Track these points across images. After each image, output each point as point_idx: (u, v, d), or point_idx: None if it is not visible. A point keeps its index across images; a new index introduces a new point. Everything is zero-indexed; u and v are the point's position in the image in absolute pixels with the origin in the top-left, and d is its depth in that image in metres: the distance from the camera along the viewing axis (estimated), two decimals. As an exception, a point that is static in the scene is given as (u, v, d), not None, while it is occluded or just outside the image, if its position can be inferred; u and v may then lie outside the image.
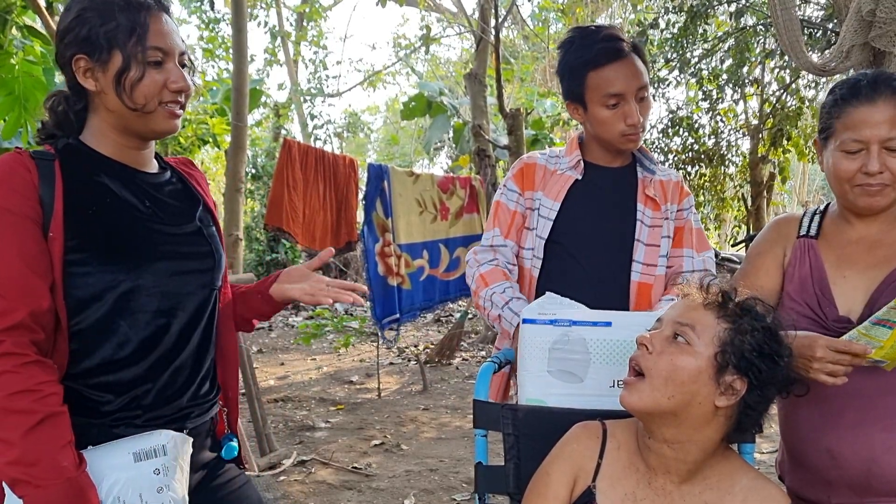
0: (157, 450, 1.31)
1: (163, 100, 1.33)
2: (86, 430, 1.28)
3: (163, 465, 1.31)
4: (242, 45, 5.47)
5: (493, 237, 2.00)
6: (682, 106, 7.89)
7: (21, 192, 1.24)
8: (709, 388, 1.23)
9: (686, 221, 2.02)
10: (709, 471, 1.32)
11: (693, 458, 1.29)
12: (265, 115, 14.22)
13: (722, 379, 1.24)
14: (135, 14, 1.30)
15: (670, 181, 2.03)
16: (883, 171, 1.45)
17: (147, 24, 1.30)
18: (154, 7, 1.33)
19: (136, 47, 1.29)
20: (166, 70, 1.33)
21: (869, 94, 1.46)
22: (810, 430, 1.54)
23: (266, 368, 7.33)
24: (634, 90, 1.84)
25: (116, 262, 1.30)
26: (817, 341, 1.38)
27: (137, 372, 1.33)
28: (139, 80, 1.30)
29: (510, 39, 14.77)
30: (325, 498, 3.86)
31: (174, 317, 1.38)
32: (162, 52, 1.32)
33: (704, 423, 1.26)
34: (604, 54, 1.84)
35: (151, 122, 1.34)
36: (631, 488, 1.34)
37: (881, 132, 1.44)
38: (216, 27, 13.30)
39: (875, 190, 1.48)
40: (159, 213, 1.39)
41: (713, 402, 1.24)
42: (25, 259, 1.22)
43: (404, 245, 5.35)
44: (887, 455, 1.44)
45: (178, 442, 1.35)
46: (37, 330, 1.22)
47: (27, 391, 1.18)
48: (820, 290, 1.56)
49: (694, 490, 1.31)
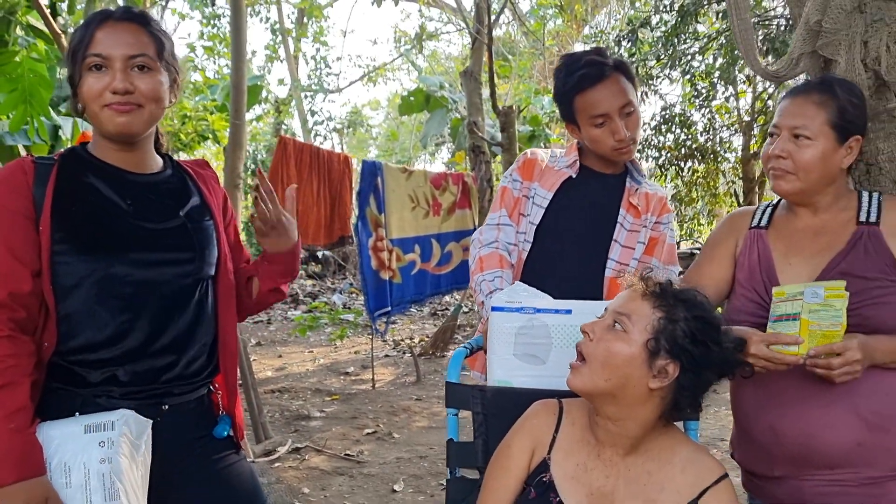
0: (105, 424, 1.41)
1: (105, 102, 1.43)
2: (73, 398, 1.44)
3: (108, 438, 1.40)
4: (241, 44, 5.57)
5: (499, 217, 2.15)
6: (675, 103, 7.99)
7: (16, 191, 1.41)
8: (642, 371, 1.36)
9: (661, 234, 2.17)
10: (651, 444, 1.45)
11: (634, 433, 1.42)
12: (266, 111, 14.31)
13: (654, 363, 1.36)
14: (85, 27, 1.45)
15: (656, 195, 2.18)
16: (785, 156, 1.61)
17: (92, 34, 1.43)
18: (109, 17, 1.45)
19: (79, 56, 1.44)
20: (110, 73, 1.43)
21: (797, 91, 1.66)
22: (755, 408, 1.66)
23: (264, 360, 7.47)
24: (618, 108, 1.99)
25: (92, 252, 1.44)
26: (752, 337, 1.51)
27: (114, 353, 1.46)
28: (80, 85, 1.45)
29: (509, 35, 14.84)
30: (317, 483, 4.00)
31: (151, 304, 1.50)
32: (101, 57, 1.42)
33: (641, 402, 1.39)
34: (587, 79, 1.99)
35: (100, 123, 1.47)
36: (582, 459, 1.47)
37: (789, 121, 1.62)
38: (217, 22, 13.39)
39: (777, 173, 1.64)
40: (141, 210, 1.51)
41: (647, 385, 1.37)
42: (10, 248, 1.38)
43: (396, 240, 5.48)
44: (823, 431, 1.55)
45: (129, 420, 1.44)
46: (17, 309, 1.37)
47: None
48: (767, 277, 1.68)
49: (637, 461, 1.44)
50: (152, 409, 1.51)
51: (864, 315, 1.53)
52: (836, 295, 1.46)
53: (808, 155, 1.60)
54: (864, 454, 1.54)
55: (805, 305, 1.46)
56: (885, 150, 1.88)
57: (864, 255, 1.59)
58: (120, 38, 1.44)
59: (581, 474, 1.46)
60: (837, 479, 1.56)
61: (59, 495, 1.35)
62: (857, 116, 1.65)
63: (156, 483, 1.48)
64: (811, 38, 1.90)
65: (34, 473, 1.34)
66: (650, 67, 7.04)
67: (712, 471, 1.44)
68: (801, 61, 1.94)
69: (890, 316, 1.54)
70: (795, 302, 1.48)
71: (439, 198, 5.80)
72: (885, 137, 1.88)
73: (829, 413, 1.55)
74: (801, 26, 1.94)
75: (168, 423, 1.54)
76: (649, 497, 1.41)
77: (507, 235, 2.12)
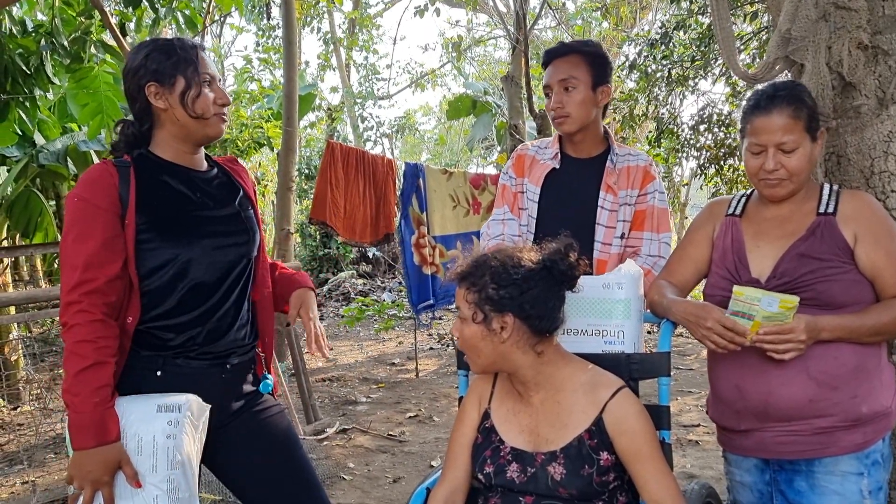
0: (174, 406, 1.65)
1: (216, 111, 1.82)
2: (155, 360, 1.75)
3: (176, 419, 1.64)
4: (293, 55, 5.99)
5: (503, 213, 2.41)
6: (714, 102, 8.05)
7: (106, 191, 1.71)
8: (489, 339, 1.65)
9: (648, 206, 2.35)
10: (552, 379, 1.72)
11: (530, 376, 1.71)
12: (320, 119, 14.76)
13: (491, 327, 1.64)
14: (189, 51, 1.79)
15: (637, 166, 2.36)
16: (778, 168, 1.80)
17: (198, 57, 1.80)
18: (200, 47, 1.82)
19: (194, 73, 1.78)
20: (214, 89, 1.81)
21: (766, 106, 1.80)
22: (723, 370, 1.88)
23: (316, 352, 7.86)
24: (556, 82, 2.29)
25: (174, 239, 1.75)
26: (712, 313, 1.72)
27: (191, 318, 1.78)
28: (198, 96, 1.78)
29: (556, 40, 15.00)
30: (361, 459, 4.33)
31: (217, 279, 1.81)
32: (210, 76, 1.80)
33: (512, 354, 1.67)
34: (547, 55, 2.34)
35: (208, 127, 1.81)
36: (511, 406, 1.78)
37: (775, 138, 1.78)
38: (273, 33, 13.91)
39: (774, 183, 1.82)
40: (207, 201, 1.84)
41: (502, 343, 1.65)
42: (104, 241, 1.68)
43: (439, 237, 5.78)
44: (780, 389, 1.75)
45: (192, 404, 1.68)
46: (110, 293, 1.66)
47: (87, 341, 1.59)
48: (737, 258, 1.90)
49: (548, 395, 1.73)
50: (219, 368, 1.83)
51: (817, 290, 1.75)
52: (789, 308, 1.66)
53: (797, 161, 1.79)
54: (815, 408, 1.74)
55: (761, 311, 1.67)
56: (852, 144, 2.10)
57: (820, 241, 1.79)
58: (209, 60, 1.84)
59: (512, 417, 1.76)
60: (794, 430, 1.77)
61: (130, 460, 1.60)
62: (817, 113, 1.85)
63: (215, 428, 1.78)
64: (783, 44, 2.13)
65: (110, 440, 1.58)
66: (686, 69, 7.15)
67: (609, 386, 1.71)
68: (776, 65, 2.17)
69: (839, 291, 1.75)
70: (753, 306, 1.68)
71: (479, 197, 6.07)
72: (852, 132, 2.10)
73: (785, 374, 1.75)
74: (775, 34, 2.17)
75: (231, 379, 1.87)
76: (563, 422, 1.69)
77: (511, 229, 2.37)
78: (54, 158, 5.97)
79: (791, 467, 1.80)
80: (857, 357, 1.75)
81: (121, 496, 1.60)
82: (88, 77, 4.96)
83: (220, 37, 15.07)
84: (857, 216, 1.79)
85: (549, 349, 1.71)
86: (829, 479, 1.76)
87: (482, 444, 1.77)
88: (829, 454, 1.75)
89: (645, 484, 1.63)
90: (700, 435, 4.54)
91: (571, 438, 1.67)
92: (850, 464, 1.75)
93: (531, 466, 1.67)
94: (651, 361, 1.90)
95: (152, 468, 1.61)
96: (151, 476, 1.60)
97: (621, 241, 2.34)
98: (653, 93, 7.48)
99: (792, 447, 1.78)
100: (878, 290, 1.77)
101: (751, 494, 1.91)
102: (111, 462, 1.58)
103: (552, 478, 1.64)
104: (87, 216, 1.68)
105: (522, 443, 1.72)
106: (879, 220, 1.80)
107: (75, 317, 1.61)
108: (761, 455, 1.85)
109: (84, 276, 1.63)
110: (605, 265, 2.30)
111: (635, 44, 7.65)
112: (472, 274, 1.67)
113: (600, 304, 1.94)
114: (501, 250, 1.70)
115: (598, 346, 1.93)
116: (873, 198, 1.88)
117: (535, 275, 1.64)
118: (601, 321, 1.94)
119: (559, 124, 2.33)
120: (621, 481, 1.68)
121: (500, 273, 1.63)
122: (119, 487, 1.60)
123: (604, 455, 1.65)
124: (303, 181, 12.38)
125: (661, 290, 1.98)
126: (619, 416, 1.66)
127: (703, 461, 4.08)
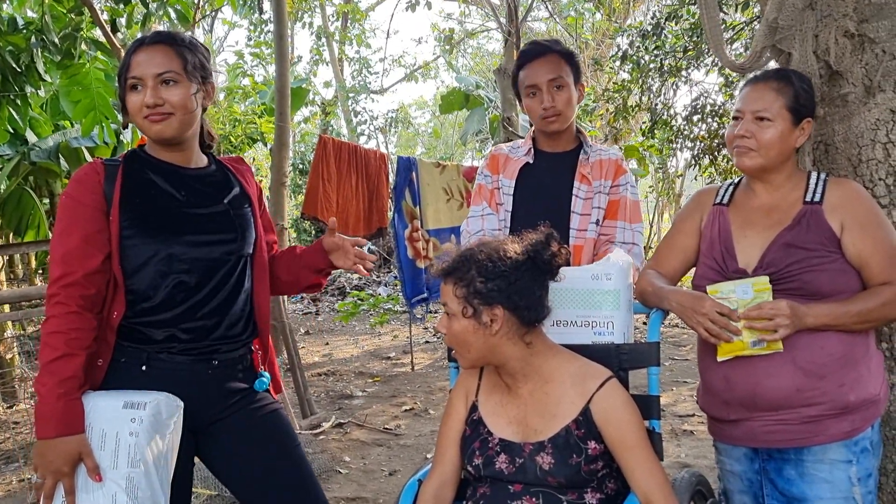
0: (139, 404, 1.63)
1: (143, 115, 1.74)
2: (140, 354, 1.75)
3: (139, 416, 1.62)
4: (284, 51, 5.96)
5: (482, 209, 2.44)
6: (707, 92, 8.06)
7: (91, 189, 1.73)
8: (479, 332, 1.64)
9: (620, 197, 2.40)
10: (541, 371, 1.73)
11: (518, 368, 1.71)
12: (313, 113, 14.73)
13: (481, 320, 1.64)
14: (127, 55, 1.77)
15: (609, 160, 2.42)
16: (750, 136, 1.82)
17: (129, 60, 1.76)
18: (142, 44, 1.76)
19: (122, 80, 1.77)
20: (144, 91, 1.75)
21: (756, 79, 1.88)
22: (712, 360, 1.87)
23: (312, 347, 7.90)
24: (546, 81, 2.30)
25: (155, 236, 1.76)
26: (707, 300, 1.74)
27: (174, 314, 1.77)
28: (126, 103, 1.78)
29: (550, 32, 14.96)
30: (357, 452, 4.35)
31: (202, 276, 1.81)
32: (137, 78, 1.73)
33: (502, 347, 1.67)
34: (525, 55, 2.34)
35: (143, 131, 1.81)
36: (499, 397, 1.78)
37: (753, 105, 1.83)
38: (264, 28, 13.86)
39: (742, 150, 1.84)
40: (193, 199, 1.83)
41: (491, 336, 1.65)
42: (85, 236, 1.70)
43: (433, 230, 5.78)
44: (767, 379, 1.76)
45: (160, 403, 1.66)
46: (88, 286, 1.67)
47: (60, 332, 1.60)
48: (725, 248, 1.90)
49: (536, 387, 1.73)
50: (204, 364, 1.82)
51: (804, 280, 1.76)
52: (763, 289, 1.69)
53: (769, 134, 1.81)
54: (802, 397, 1.74)
55: (740, 301, 1.70)
56: (839, 132, 2.11)
57: (807, 230, 1.80)
58: (150, 59, 1.73)
59: (499, 409, 1.76)
60: (782, 419, 1.78)
61: (92, 453, 1.59)
62: (808, 101, 1.87)
63: (206, 424, 1.79)
64: (770, 33, 2.13)
65: (72, 432, 1.58)
66: (678, 60, 7.15)
67: (596, 377, 1.72)
68: (763, 55, 2.17)
69: (825, 281, 1.76)
70: (731, 299, 1.71)
71: (472, 190, 6.07)
72: (839, 120, 2.11)
73: (772, 364, 1.75)
74: (762, 23, 2.17)
75: (217, 376, 1.85)
76: (551, 412, 1.70)
77: (490, 223, 2.40)
78: (46, 156, 5.96)
79: (780, 456, 1.81)
80: (844, 346, 1.76)
81: (81, 488, 1.60)
82: (80, 74, 4.94)
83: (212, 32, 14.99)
84: (844, 204, 1.80)
85: (538, 340, 1.72)
86: (818, 466, 1.76)
87: (471, 437, 1.78)
88: (817, 442, 1.76)
89: (632, 473, 1.64)
90: (695, 425, 4.56)
91: (559, 429, 1.67)
92: (839, 451, 1.76)
93: (519, 457, 1.68)
94: (640, 351, 1.90)
95: (113, 464, 1.61)
96: (112, 472, 1.60)
97: (596, 226, 2.38)
98: (646, 83, 7.47)
99: (780, 436, 1.79)
100: (864, 278, 1.78)
101: (741, 483, 1.92)
102: (72, 453, 1.58)
103: (540, 467, 1.65)
104: (70, 213, 1.71)
105: (511, 434, 1.73)
106: (866, 208, 1.80)
107: (52, 308, 1.64)
108: (750, 444, 1.86)
109: (63, 270, 1.66)
110: (582, 250, 2.34)
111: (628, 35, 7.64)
112: (458, 269, 1.66)
113: (589, 296, 1.94)
114: (485, 244, 1.70)
115: (587, 337, 1.93)
116: (860, 186, 1.89)
117: (521, 265, 1.65)
118: (590, 312, 1.94)
119: (550, 123, 2.35)
120: (610, 469, 1.69)
121: (487, 266, 1.64)
122: (80, 480, 1.61)
123: (591, 444, 1.66)
124: (297, 176, 12.36)
125: (651, 279, 1.98)
126: (605, 407, 1.67)
127: (698, 451, 4.10)
